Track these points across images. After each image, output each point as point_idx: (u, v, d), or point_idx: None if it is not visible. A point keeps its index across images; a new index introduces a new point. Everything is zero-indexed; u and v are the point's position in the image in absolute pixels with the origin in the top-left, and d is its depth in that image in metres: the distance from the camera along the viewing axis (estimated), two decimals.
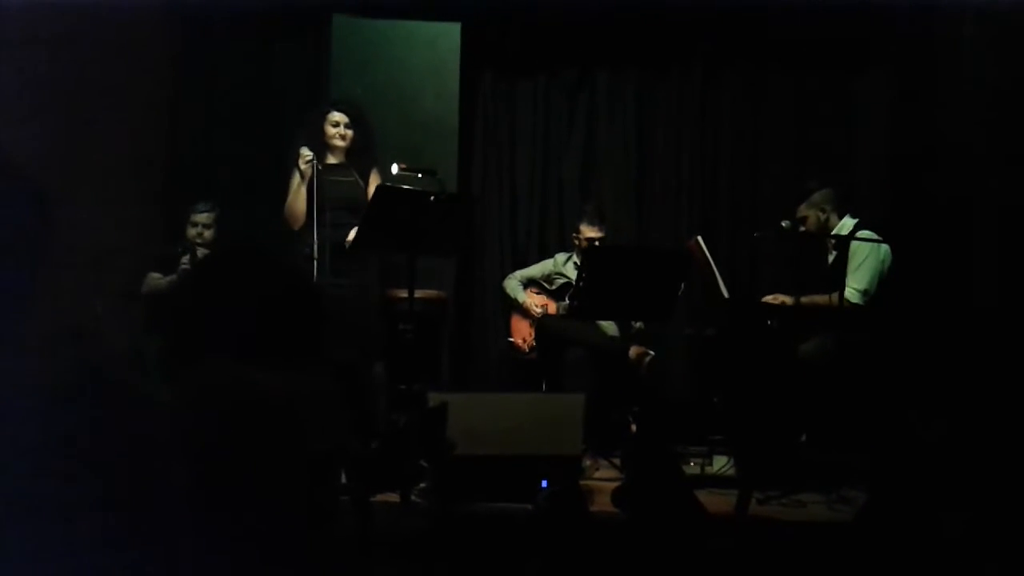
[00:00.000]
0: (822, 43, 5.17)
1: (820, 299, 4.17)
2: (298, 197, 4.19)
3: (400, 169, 4.25)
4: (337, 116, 4.29)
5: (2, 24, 4.12)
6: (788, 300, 4.26)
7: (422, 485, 3.48)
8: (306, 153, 4.16)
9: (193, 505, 1.51)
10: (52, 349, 1.61)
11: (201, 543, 1.49)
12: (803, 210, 4.28)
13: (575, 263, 4.79)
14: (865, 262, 4.12)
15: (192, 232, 4.64)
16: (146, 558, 1.37)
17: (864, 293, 4.09)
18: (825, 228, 4.27)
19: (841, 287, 3.99)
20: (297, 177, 4.19)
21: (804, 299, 4.20)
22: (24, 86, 4.27)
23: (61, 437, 1.39)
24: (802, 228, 4.29)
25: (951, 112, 4.88)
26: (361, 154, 4.30)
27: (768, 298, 4.33)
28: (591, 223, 4.71)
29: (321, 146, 4.26)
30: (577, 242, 4.76)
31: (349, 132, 4.28)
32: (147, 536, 1.39)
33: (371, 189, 4.16)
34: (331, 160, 4.28)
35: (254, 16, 5.07)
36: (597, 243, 4.66)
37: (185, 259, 4.51)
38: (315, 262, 4.13)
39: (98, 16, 4.32)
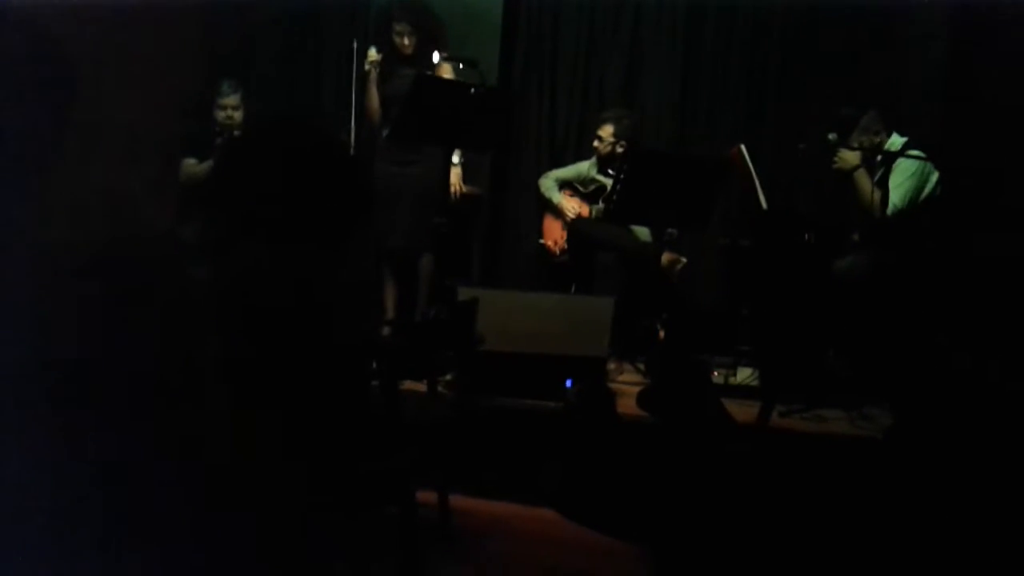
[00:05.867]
0: None
1: None
2: (368, 95, 4.46)
3: (441, 58, 4.23)
4: (398, 27, 4.42)
5: None
6: None
7: (448, 377, 3.53)
8: (370, 55, 4.41)
9: (225, 385, 1.53)
10: (88, 219, 1.61)
11: (231, 421, 1.51)
12: (856, 137, 4.15)
13: (598, 168, 4.75)
14: (907, 180, 4.03)
15: (221, 115, 4.59)
16: (172, 433, 1.40)
17: (895, 207, 4.01)
18: (878, 149, 4.15)
19: (885, 203, 3.92)
20: (370, 76, 4.43)
21: None
22: None
23: (96, 309, 1.40)
24: (839, 155, 4.13)
25: (1010, 35, 4.68)
26: (428, 53, 4.39)
27: None
28: (608, 124, 4.65)
29: (390, 47, 4.45)
30: (598, 145, 4.71)
31: (413, 39, 4.41)
32: (174, 411, 1.41)
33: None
34: (435, 59, 4.38)
35: None
36: (617, 146, 4.60)
37: (220, 142, 4.49)
38: (351, 148, 4.14)
39: None
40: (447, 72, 4.37)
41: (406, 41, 4.41)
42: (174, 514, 1.34)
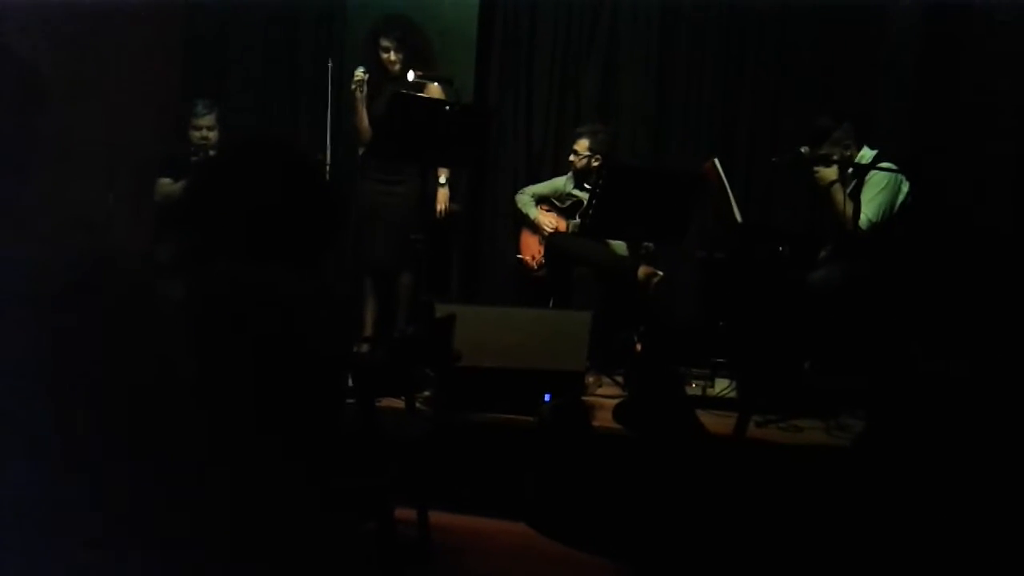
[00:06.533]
0: None
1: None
2: (357, 115, 4.49)
3: (416, 76, 4.26)
4: (384, 42, 4.47)
5: None
6: None
7: (426, 393, 3.53)
8: (356, 74, 4.44)
9: (200, 404, 1.53)
10: (64, 236, 1.61)
11: (207, 440, 1.51)
12: (827, 149, 4.18)
13: (574, 183, 4.79)
14: (879, 193, 4.08)
15: (196, 135, 4.61)
16: (151, 449, 1.40)
17: (870, 222, 4.06)
18: (849, 162, 4.19)
19: (858, 216, 3.96)
20: (357, 96, 4.46)
21: None
22: None
23: (71, 325, 1.40)
24: (817, 170, 4.17)
25: (979, 45, 4.75)
26: (416, 69, 4.43)
27: None
28: (583, 138, 4.69)
29: (377, 65, 4.49)
30: (574, 159, 4.74)
31: (400, 55, 4.46)
32: (150, 429, 1.41)
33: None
34: (411, 77, 4.42)
35: None
36: (592, 160, 4.63)
37: (195, 162, 4.49)
38: (327, 167, 4.16)
39: None
40: (436, 92, 4.39)
41: (392, 57, 4.46)
42: (147, 530, 1.34)
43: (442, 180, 4.58)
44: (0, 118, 1.49)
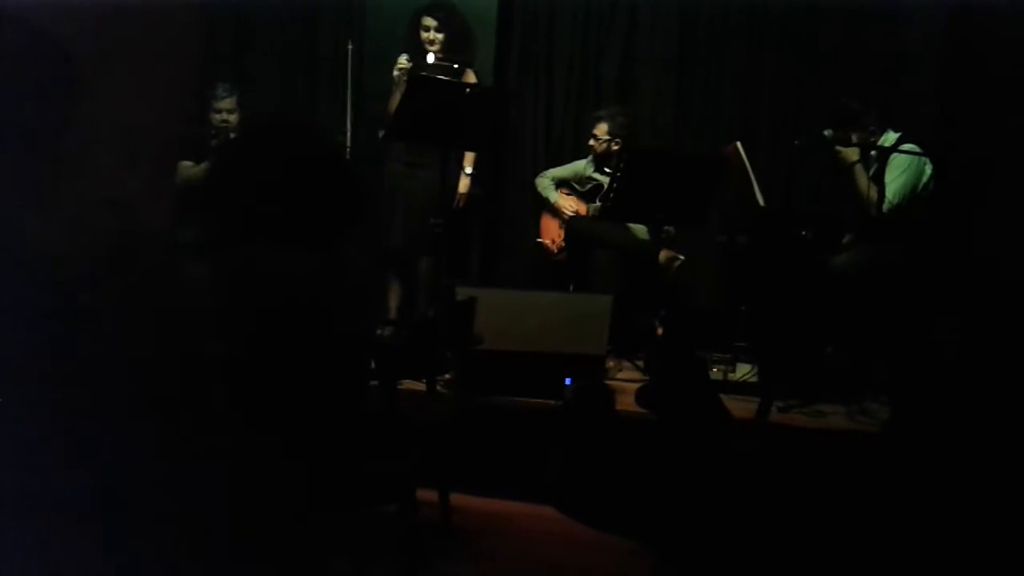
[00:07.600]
0: None
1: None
2: (394, 101, 4.41)
3: (436, 59, 4.25)
4: (427, 20, 4.49)
5: None
6: None
7: (447, 376, 3.54)
8: (400, 61, 4.45)
9: (224, 386, 1.53)
10: (89, 216, 1.62)
11: (231, 422, 1.52)
12: (852, 132, 4.13)
13: (594, 166, 4.76)
14: (900, 175, 4.04)
15: (217, 118, 4.61)
16: (171, 433, 1.40)
17: (891, 204, 4.02)
18: (872, 145, 4.15)
19: (881, 199, 3.93)
20: (398, 83, 4.44)
21: None
22: None
23: (98, 302, 1.40)
24: (838, 150, 4.13)
25: (1006, 30, 4.68)
26: (455, 53, 4.46)
27: None
28: (603, 122, 4.67)
29: (419, 49, 4.49)
30: (594, 143, 4.71)
31: (440, 35, 4.46)
32: (174, 411, 1.42)
33: None
34: (430, 60, 4.46)
35: None
36: (612, 143, 4.61)
37: (216, 145, 4.49)
38: (347, 149, 4.16)
39: None
40: (472, 78, 4.40)
41: (431, 36, 4.45)
42: (174, 513, 1.35)
43: (468, 170, 4.56)
44: (29, 101, 1.49)
